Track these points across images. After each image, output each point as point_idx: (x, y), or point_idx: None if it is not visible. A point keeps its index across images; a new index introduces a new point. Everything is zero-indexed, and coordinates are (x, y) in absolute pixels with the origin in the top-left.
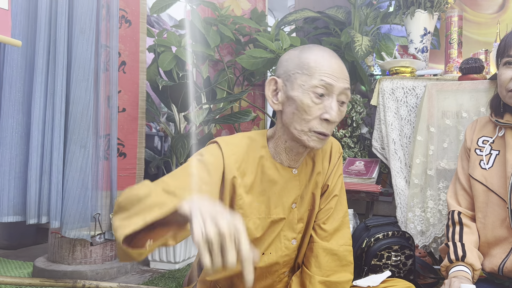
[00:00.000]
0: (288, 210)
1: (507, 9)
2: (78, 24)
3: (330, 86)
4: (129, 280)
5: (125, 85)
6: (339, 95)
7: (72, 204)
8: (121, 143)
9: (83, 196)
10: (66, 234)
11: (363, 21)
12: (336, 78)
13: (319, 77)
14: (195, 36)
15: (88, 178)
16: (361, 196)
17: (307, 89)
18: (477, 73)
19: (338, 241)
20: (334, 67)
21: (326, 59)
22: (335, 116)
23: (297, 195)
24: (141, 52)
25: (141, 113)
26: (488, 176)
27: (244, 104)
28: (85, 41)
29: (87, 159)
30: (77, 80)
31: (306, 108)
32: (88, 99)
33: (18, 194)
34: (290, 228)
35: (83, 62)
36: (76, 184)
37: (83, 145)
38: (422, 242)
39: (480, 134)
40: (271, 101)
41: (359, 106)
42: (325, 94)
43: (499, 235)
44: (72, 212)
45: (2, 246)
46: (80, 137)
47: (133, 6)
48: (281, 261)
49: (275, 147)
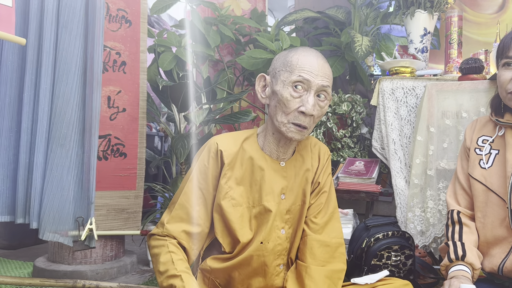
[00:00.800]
0: (278, 199)
1: (507, 9)
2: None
3: (307, 82)
4: (129, 280)
5: (125, 85)
6: (317, 91)
7: (49, 204)
8: (121, 143)
9: (65, 197)
10: (41, 236)
11: (363, 21)
12: (314, 75)
13: (297, 73)
14: (195, 36)
15: (70, 178)
16: (361, 196)
17: (287, 84)
18: (477, 73)
19: (330, 233)
20: (314, 65)
21: (307, 58)
22: (310, 109)
23: (285, 185)
24: (142, 52)
25: (142, 113)
26: (488, 176)
27: (244, 104)
28: (72, 38)
29: (69, 159)
30: (60, 78)
31: (285, 101)
32: (70, 96)
33: (10, 194)
34: (280, 218)
35: (68, 60)
36: (54, 184)
37: (63, 144)
38: (422, 242)
39: (480, 133)
40: (260, 95)
41: (359, 106)
42: (303, 88)
43: (498, 235)
44: (51, 214)
45: (2, 246)
46: (61, 136)
47: (133, 6)
48: (276, 251)
49: (264, 139)
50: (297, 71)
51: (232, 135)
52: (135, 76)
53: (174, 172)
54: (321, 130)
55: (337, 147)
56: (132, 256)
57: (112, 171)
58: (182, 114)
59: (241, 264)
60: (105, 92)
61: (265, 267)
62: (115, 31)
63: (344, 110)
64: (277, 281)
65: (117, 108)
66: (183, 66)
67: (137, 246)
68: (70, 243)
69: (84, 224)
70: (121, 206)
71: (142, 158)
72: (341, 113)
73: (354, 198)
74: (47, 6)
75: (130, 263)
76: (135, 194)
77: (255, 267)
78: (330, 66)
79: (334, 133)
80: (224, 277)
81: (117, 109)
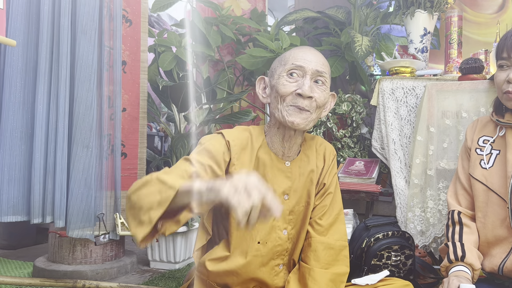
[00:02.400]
0: (280, 200)
1: (507, 9)
2: (80, 25)
3: (301, 67)
4: (129, 280)
5: (125, 85)
6: (313, 76)
7: (76, 203)
8: (121, 143)
9: (87, 195)
10: (70, 233)
11: (363, 21)
12: (308, 61)
13: (291, 62)
14: (195, 36)
15: (91, 178)
16: (361, 196)
17: (282, 74)
18: (477, 73)
19: (334, 235)
20: (308, 54)
21: (301, 50)
22: (307, 90)
23: (289, 186)
24: (142, 51)
25: (142, 113)
26: (489, 176)
27: (244, 104)
28: (87, 41)
29: (90, 159)
30: (80, 80)
31: (282, 88)
32: (90, 99)
33: (19, 194)
34: (282, 218)
35: (85, 62)
36: (79, 184)
37: (86, 145)
38: (422, 242)
39: (481, 133)
40: (261, 96)
41: (359, 106)
42: (298, 75)
43: (499, 235)
44: (76, 212)
45: (2, 246)
46: (83, 137)
47: (134, 6)
48: (275, 251)
49: (270, 137)
50: (291, 61)
51: (237, 128)
52: (135, 75)
53: None
54: (321, 130)
55: (337, 147)
56: (132, 256)
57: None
58: (182, 114)
59: (237, 265)
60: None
61: (262, 267)
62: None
63: (344, 110)
64: (276, 281)
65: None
66: (183, 66)
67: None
68: (93, 238)
69: (105, 220)
70: (123, 207)
71: (143, 158)
72: (341, 113)
73: (354, 198)
74: (63, 9)
75: (130, 263)
76: None
77: (252, 267)
78: (330, 66)
79: (334, 133)
80: (221, 279)
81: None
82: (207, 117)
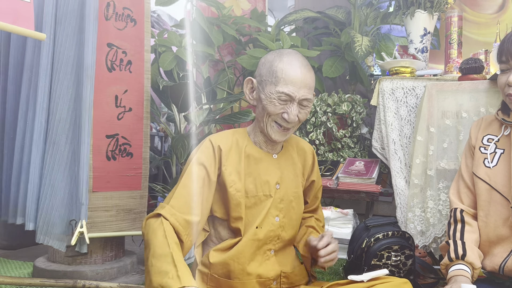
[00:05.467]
0: (273, 189)
1: (507, 9)
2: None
3: (290, 96)
4: (129, 280)
5: (131, 85)
6: (300, 102)
7: (47, 206)
8: (128, 143)
9: (59, 199)
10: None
11: (363, 21)
12: (297, 89)
13: (281, 89)
14: (196, 36)
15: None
16: (361, 196)
17: (271, 95)
18: (477, 73)
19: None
20: (298, 76)
21: (292, 70)
22: (292, 119)
23: (279, 176)
24: (146, 51)
25: (146, 112)
26: (492, 175)
27: (244, 104)
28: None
29: (64, 158)
30: (57, 75)
31: (270, 108)
32: (69, 98)
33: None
34: (274, 206)
35: (66, 59)
36: (52, 185)
37: (58, 143)
38: (422, 242)
39: (486, 132)
40: (248, 97)
41: (359, 106)
42: (286, 100)
43: (501, 234)
44: (47, 216)
45: (2, 246)
46: (57, 135)
47: (138, 6)
48: (268, 236)
49: (254, 137)
50: (281, 85)
51: (223, 132)
52: (140, 75)
53: (174, 172)
54: (321, 130)
55: (337, 147)
56: (132, 256)
57: (120, 171)
58: (182, 114)
59: (238, 250)
60: (113, 91)
61: (256, 251)
62: (121, 29)
63: (344, 110)
64: (269, 266)
65: (124, 108)
66: (184, 66)
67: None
68: (63, 248)
69: (75, 228)
70: (129, 207)
71: (147, 158)
72: (341, 113)
73: (354, 198)
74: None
75: (130, 263)
76: (140, 194)
77: (251, 252)
78: (330, 66)
79: (334, 133)
80: (223, 269)
81: (124, 108)
82: (207, 117)
